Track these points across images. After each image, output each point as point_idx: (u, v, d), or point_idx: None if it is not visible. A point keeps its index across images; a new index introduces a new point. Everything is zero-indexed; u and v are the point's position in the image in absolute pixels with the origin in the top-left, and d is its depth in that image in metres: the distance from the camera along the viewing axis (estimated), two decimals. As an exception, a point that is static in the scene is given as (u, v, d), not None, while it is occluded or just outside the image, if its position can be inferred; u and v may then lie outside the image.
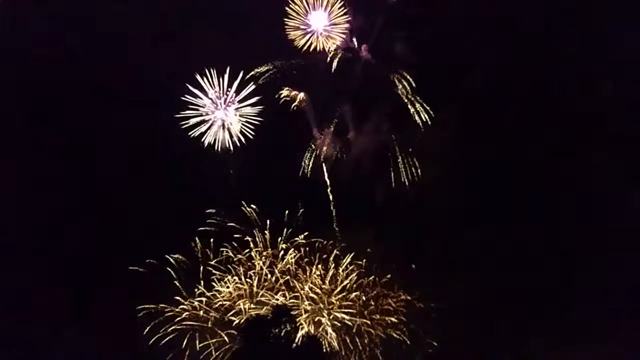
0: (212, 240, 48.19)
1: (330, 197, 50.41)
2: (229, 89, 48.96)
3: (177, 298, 47.54)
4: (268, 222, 48.61)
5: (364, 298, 47.93)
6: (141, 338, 46.48)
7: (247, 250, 48.51)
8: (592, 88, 47.76)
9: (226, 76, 48.60)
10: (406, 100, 50.09)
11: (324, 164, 50.87)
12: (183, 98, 48.25)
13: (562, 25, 49.25)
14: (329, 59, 51.13)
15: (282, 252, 48.50)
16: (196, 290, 47.81)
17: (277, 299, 47.49)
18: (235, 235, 48.50)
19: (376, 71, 51.48)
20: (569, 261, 46.81)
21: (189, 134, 48.59)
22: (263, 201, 48.78)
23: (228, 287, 48.05)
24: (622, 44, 47.56)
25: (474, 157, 48.99)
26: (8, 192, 48.01)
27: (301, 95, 50.87)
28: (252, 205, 48.90)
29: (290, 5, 50.05)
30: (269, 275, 48.21)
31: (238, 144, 49.50)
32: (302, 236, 48.38)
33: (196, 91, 48.54)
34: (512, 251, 46.98)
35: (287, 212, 48.39)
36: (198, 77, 48.25)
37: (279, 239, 48.59)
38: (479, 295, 46.12)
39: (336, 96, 51.20)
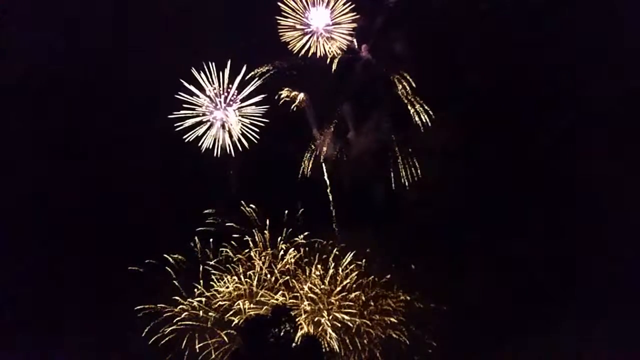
0: (211, 240, 48.19)
1: (330, 197, 50.34)
2: (230, 87, 48.17)
3: (176, 298, 47.54)
4: (268, 222, 48.56)
5: (363, 298, 47.89)
6: (140, 338, 46.48)
7: (246, 250, 48.50)
8: (592, 88, 47.71)
9: (227, 72, 47.61)
10: (406, 101, 50.05)
11: (324, 164, 50.85)
12: (179, 97, 47.55)
13: (562, 24, 49.18)
14: (329, 59, 50.93)
15: (281, 252, 48.47)
16: (195, 290, 47.77)
17: (277, 299, 47.43)
18: (235, 235, 48.51)
19: (376, 71, 51.41)
20: (569, 261, 46.76)
21: (185, 137, 48.09)
22: (263, 201, 48.70)
23: (227, 287, 47.98)
24: (622, 44, 47.54)
25: (474, 157, 48.96)
26: (8, 192, 48.01)
27: (301, 95, 50.72)
28: (251, 205, 48.87)
29: (287, 2, 48.70)
30: (269, 275, 48.19)
31: (239, 146, 49.08)
32: (302, 236, 48.31)
33: (194, 89, 47.80)
34: (512, 251, 46.89)
35: (287, 212, 48.37)
36: (195, 73, 47.42)
37: (279, 239, 48.54)
38: (479, 295, 46.09)
39: (336, 96, 51.16)
